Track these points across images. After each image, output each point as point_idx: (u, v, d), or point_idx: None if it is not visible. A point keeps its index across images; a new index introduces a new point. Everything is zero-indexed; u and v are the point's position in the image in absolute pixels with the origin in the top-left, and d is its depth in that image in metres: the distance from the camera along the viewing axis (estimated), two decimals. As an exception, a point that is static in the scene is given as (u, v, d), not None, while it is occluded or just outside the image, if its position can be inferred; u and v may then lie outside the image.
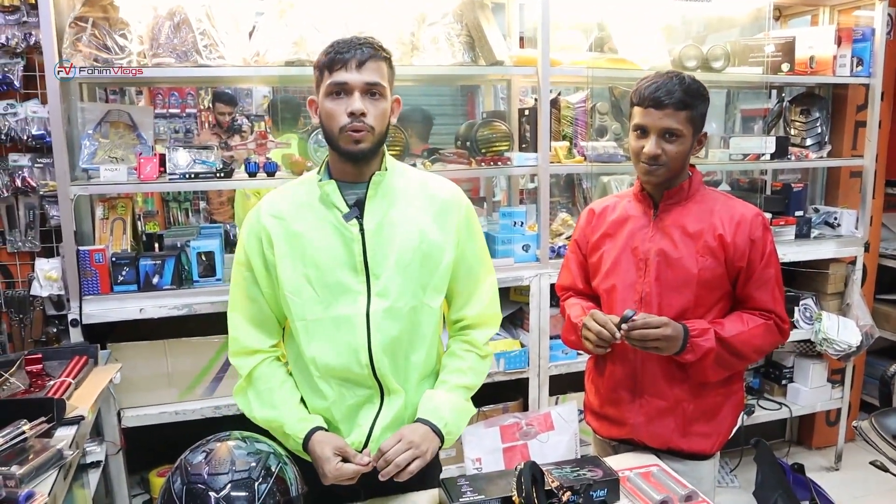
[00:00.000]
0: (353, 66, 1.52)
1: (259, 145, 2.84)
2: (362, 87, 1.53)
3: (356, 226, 1.59)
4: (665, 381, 1.87)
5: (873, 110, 3.49)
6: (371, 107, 1.54)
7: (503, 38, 2.93)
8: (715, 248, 1.81)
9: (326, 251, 1.59)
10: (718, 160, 3.32)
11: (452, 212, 1.68)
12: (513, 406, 3.08)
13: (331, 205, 1.60)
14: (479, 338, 1.75)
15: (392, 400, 1.64)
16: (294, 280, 1.60)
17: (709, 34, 3.58)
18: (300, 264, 1.59)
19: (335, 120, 1.54)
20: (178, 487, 1.31)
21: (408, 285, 1.61)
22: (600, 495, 1.62)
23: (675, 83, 1.77)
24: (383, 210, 1.61)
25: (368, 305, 1.59)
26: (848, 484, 3.55)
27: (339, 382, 1.61)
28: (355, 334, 1.59)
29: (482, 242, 1.77)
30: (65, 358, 2.30)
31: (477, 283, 1.74)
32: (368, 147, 1.55)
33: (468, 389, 1.71)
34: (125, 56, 2.53)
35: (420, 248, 1.62)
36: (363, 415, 1.64)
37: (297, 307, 1.60)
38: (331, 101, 1.54)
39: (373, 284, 1.59)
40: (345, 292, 1.59)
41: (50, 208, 2.75)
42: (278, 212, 1.64)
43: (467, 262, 1.71)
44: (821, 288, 3.63)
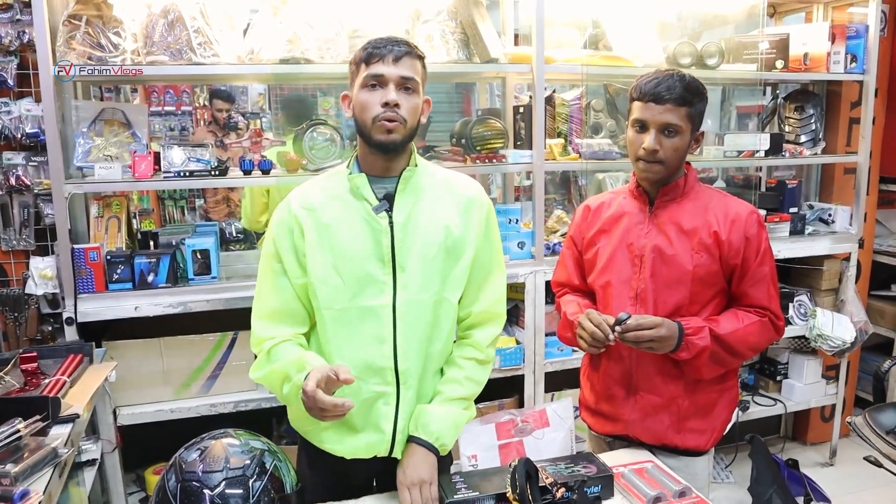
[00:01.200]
0: (389, 60, 1.57)
1: (254, 143, 2.84)
2: (397, 81, 1.57)
3: (385, 218, 1.62)
4: (660, 377, 1.88)
5: (867, 107, 3.49)
6: (404, 100, 1.58)
7: (498, 36, 2.93)
8: (710, 245, 1.82)
9: (355, 242, 1.62)
10: (713, 157, 3.32)
11: (475, 209, 1.71)
12: (508, 403, 3.08)
13: (361, 197, 1.64)
14: (482, 339, 1.75)
15: (408, 398, 1.66)
16: (322, 269, 1.63)
17: (703, 31, 3.59)
18: (329, 254, 1.63)
19: (369, 110, 1.58)
20: (172, 485, 1.31)
21: (432, 279, 1.64)
22: (594, 491, 1.63)
23: (676, 79, 1.78)
24: (411, 204, 1.65)
25: (395, 297, 1.62)
26: (842, 479, 3.57)
27: (359, 375, 1.62)
28: (381, 325, 1.62)
29: (498, 241, 1.79)
30: (60, 356, 2.29)
31: (487, 279, 1.75)
32: (400, 139, 1.59)
33: (464, 400, 1.72)
34: (119, 54, 2.52)
35: (444, 244, 1.65)
36: (379, 415, 1.65)
37: (325, 296, 1.63)
38: (366, 92, 1.59)
39: (399, 277, 1.63)
40: (371, 283, 1.62)
41: (44, 206, 2.74)
42: (309, 203, 1.67)
43: (481, 259, 1.73)
44: (815, 284, 3.64)
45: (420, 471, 1.59)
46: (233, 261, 3.15)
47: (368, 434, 1.66)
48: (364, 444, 1.66)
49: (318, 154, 2.72)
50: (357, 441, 1.66)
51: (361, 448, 1.66)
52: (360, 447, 1.66)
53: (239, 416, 2.69)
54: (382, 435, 1.65)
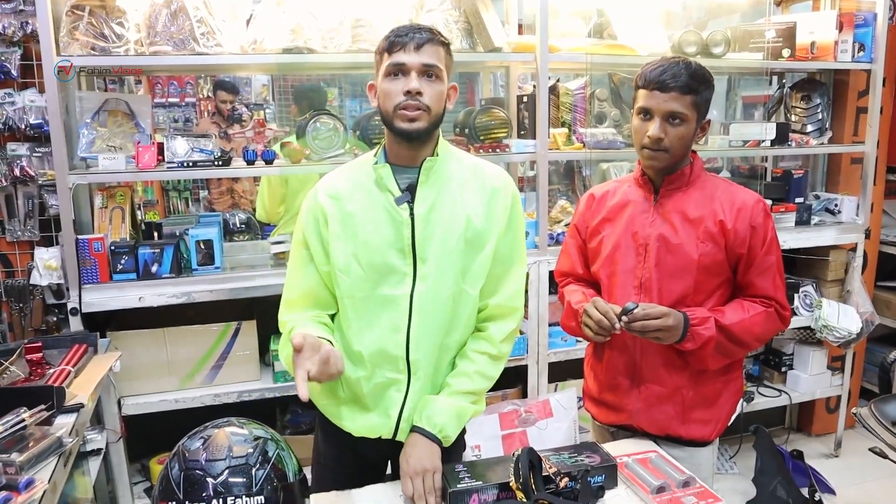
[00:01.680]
0: (411, 48, 1.56)
1: (257, 133, 2.84)
2: (419, 68, 1.57)
3: (407, 210, 1.63)
4: (664, 367, 1.87)
5: (875, 96, 3.47)
6: (427, 87, 1.57)
7: (501, 25, 2.92)
8: (715, 235, 1.81)
9: (376, 232, 1.63)
10: (718, 146, 3.30)
11: (500, 199, 1.70)
12: (512, 393, 3.09)
13: (384, 188, 1.64)
14: (497, 334, 1.74)
15: (417, 388, 1.67)
16: (344, 258, 1.64)
17: (709, 20, 3.56)
18: (351, 244, 1.64)
19: (391, 99, 1.58)
20: (175, 474, 1.31)
21: (451, 270, 1.64)
22: (598, 481, 1.62)
23: (682, 67, 1.76)
24: (434, 195, 1.65)
25: (413, 288, 1.63)
26: (847, 470, 3.56)
27: (373, 360, 1.65)
28: (398, 315, 1.64)
29: (521, 233, 1.78)
30: (64, 346, 2.30)
31: (507, 272, 1.74)
32: (423, 126, 1.59)
33: (472, 394, 1.72)
34: (122, 44, 2.52)
35: (465, 235, 1.65)
36: (390, 401, 1.68)
37: (346, 285, 1.65)
38: (388, 81, 1.59)
39: (419, 268, 1.63)
40: (392, 273, 1.63)
41: (49, 197, 2.75)
42: (335, 192, 1.69)
43: (502, 252, 1.72)
44: (821, 275, 3.62)
45: (423, 460, 1.59)
46: (236, 251, 3.16)
47: (376, 416, 1.69)
48: (370, 425, 1.69)
49: (321, 144, 2.72)
50: (366, 420, 1.70)
51: (367, 427, 1.70)
52: (367, 427, 1.70)
53: (243, 405, 2.70)
54: (388, 419, 1.67)
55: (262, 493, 1.31)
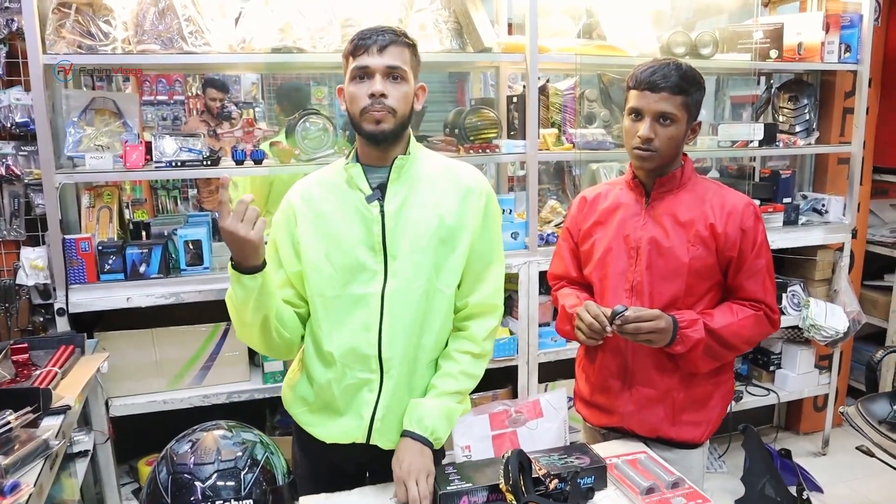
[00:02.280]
0: (374, 51, 1.57)
1: (246, 133, 2.82)
2: (383, 71, 1.58)
3: (377, 207, 1.63)
4: (655, 370, 1.88)
5: (861, 97, 3.49)
6: (392, 89, 1.58)
7: (491, 25, 2.91)
8: (706, 238, 1.81)
9: (347, 230, 1.64)
10: (707, 147, 3.31)
11: (473, 199, 1.71)
12: (502, 394, 3.09)
13: (355, 187, 1.66)
14: (478, 332, 1.75)
15: (390, 387, 1.66)
16: (314, 257, 1.65)
17: (697, 20, 3.57)
18: (322, 242, 1.65)
19: (357, 102, 1.59)
20: (163, 477, 1.30)
21: (423, 268, 1.65)
22: (587, 482, 1.63)
23: (673, 68, 1.77)
24: (405, 193, 1.65)
25: (384, 286, 1.63)
26: (835, 468, 3.59)
27: (344, 360, 1.65)
28: (369, 313, 1.64)
29: (498, 233, 1.79)
30: (51, 347, 2.28)
31: (485, 270, 1.74)
32: (390, 128, 1.59)
33: (458, 394, 1.73)
34: (109, 43, 2.50)
35: (437, 233, 1.65)
36: (361, 402, 1.67)
37: (316, 283, 1.66)
38: (354, 84, 1.60)
39: (390, 265, 1.64)
40: (362, 271, 1.64)
41: (35, 196, 2.72)
42: (307, 193, 1.71)
43: (479, 250, 1.72)
44: (808, 274, 3.64)
45: (416, 463, 1.59)
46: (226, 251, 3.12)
47: (348, 420, 1.68)
48: (342, 430, 1.69)
49: (310, 144, 2.71)
50: (337, 426, 1.69)
51: (339, 433, 1.69)
52: (339, 432, 1.69)
53: (232, 406, 2.68)
54: (360, 421, 1.67)
55: (251, 497, 1.29)
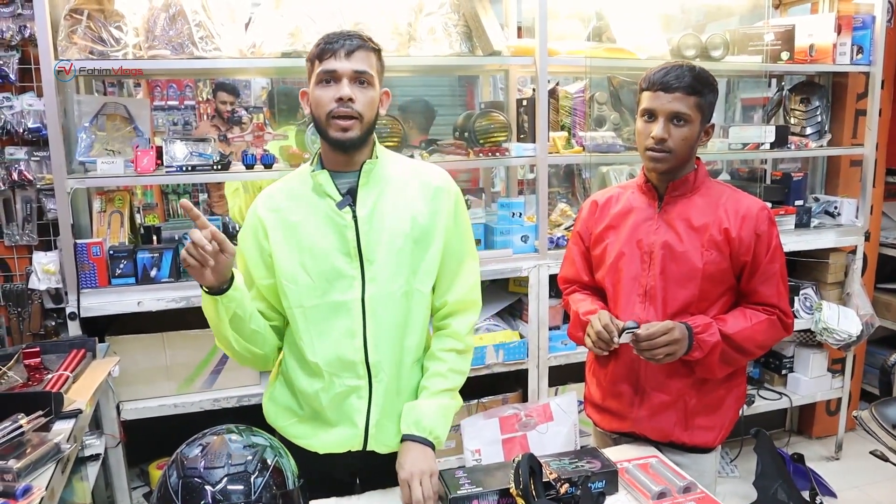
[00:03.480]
0: (341, 55, 1.56)
1: (256, 137, 2.83)
2: (350, 75, 1.56)
3: (349, 213, 1.62)
4: (667, 375, 1.86)
5: (873, 98, 3.47)
6: (359, 94, 1.57)
7: (500, 28, 2.92)
8: (720, 242, 1.80)
9: (321, 239, 1.62)
10: (718, 149, 3.30)
11: (443, 198, 1.70)
12: (512, 397, 3.08)
13: (324, 194, 1.63)
14: (460, 328, 1.75)
15: (381, 392, 1.65)
16: (290, 268, 1.63)
17: (708, 23, 3.56)
18: (296, 252, 1.63)
19: (323, 106, 1.57)
20: (174, 481, 1.30)
21: (400, 270, 1.64)
22: (598, 487, 1.62)
23: (686, 69, 1.76)
24: (375, 197, 1.64)
25: (363, 291, 1.62)
26: (848, 473, 3.56)
27: (331, 369, 1.63)
28: (351, 319, 1.63)
29: (468, 229, 1.79)
30: (63, 351, 2.29)
31: (460, 268, 1.75)
32: (357, 135, 1.58)
33: (450, 391, 1.72)
34: (121, 48, 2.51)
35: (411, 234, 1.64)
36: (352, 410, 1.65)
37: (294, 294, 1.63)
38: (320, 88, 1.58)
39: (367, 270, 1.62)
40: (340, 278, 1.62)
41: (47, 201, 2.74)
42: (274, 205, 1.68)
43: (452, 248, 1.72)
44: (821, 277, 3.62)
45: (419, 463, 1.59)
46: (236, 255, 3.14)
47: (341, 429, 1.66)
48: (337, 439, 1.67)
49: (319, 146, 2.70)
50: (330, 436, 1.67)
51: (334, 443, 1.68)
52: (333, 442, 1.67)
53: (242, 410, 2.68)
54: (355, 429, 1.66)
55: (262, 501, 1.29)
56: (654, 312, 1.83)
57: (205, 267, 1.47)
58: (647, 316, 1.83)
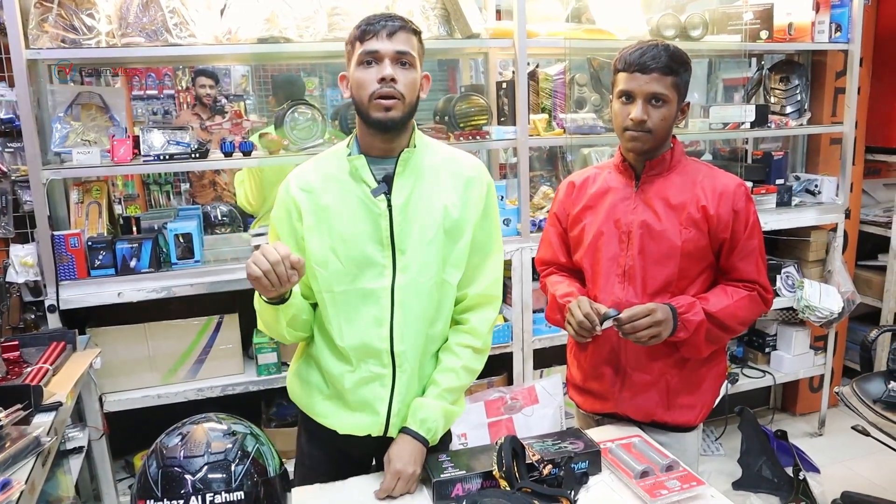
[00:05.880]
0: (384, 36, 1.53)
1: (235, 125, 2.80)
2: (393, 56, 1.54)
3: (384, 201, 1.60)
4: (648, 355, 1.86)
5: (852, 77, 3.48)
6: (402, 75, 1.54)
7: (479, 11, 2.89)
8: (698, 220, 1.80)
9: (353, 225, 1.61)
10: (699, 129, 3.30)
11: (475, 189, 1.68)
12: (497, 380, 3.09)
13: (360, 179, 1.61)
14: (479, 325, 1.73)
15: (404, 381, 1.65)
16: (321, 252, 1.62)
17: (687, 2, 3.54)
18: (327, 237, 1.62)
19: (365, 88, 1.54)
20: (153, 471, 1.29)
21: (432, 261, 1.63)
22: (581, 467, 1.63)
23: (661, 49, 1.75)
24: (411, 186, 1.62)
25: (394, 280, 1.61)
26: (831, 449, 3.60)
27: (356, 355, 1.63)
28: (380, 308, 1.62)
29: (497, 221, 1.77)
30: (42, 344, 2.27)
31: (485, 260, 1.73)
32: (399, 116, 1.55)
33: (458, 391, 1.72)
34: (93, 36, 2.47)
35: (443, 225, 1.63)
36: (374, 397, 1.65)
37: (324, 279, 1.63)
38: (362, 70, 1.55)
39: (398, 259, 1.61)
40: (371, 266, 1.61)
41: (23, 193, 2.70)
42: (307, 184, 1.66)
43: (479, 240, 1.70)
44: (802, 255, 3.64)
45: (408, 464, 1.58)
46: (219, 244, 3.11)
47: (363, 415, 1.66)
48: (358, 423, 1.67)
49: (299, 135, 2.69)
50: (352, 419, 1.67)
51: (355, 426, 1.67)
52: (355, 425, 1.67)
53: (227, 399, 2.68)
54: (377, 416, 1.66)
55: (242, 489, 1.29)
56: (633, 292, 1.83)
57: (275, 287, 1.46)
58: (627, 296, 1.83)
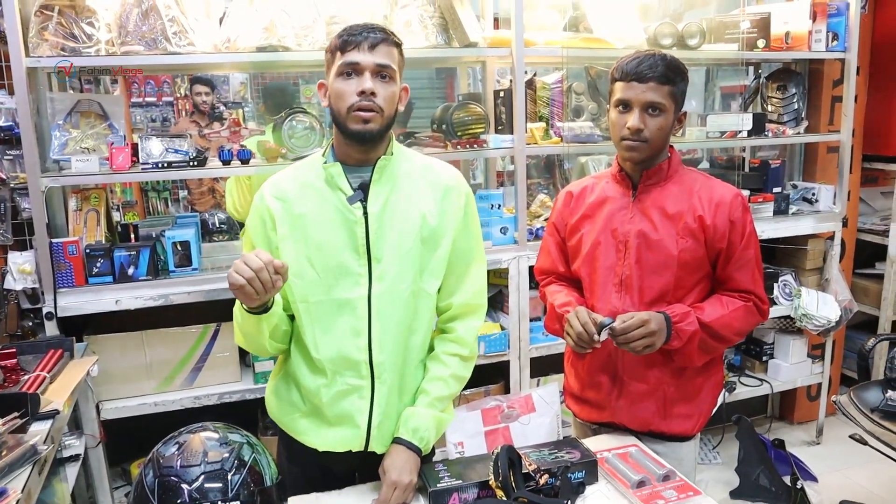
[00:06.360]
0: (365, 48, 1.53)
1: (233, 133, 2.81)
2: (373, 68, 1.53)
3: (360, 209, 1.59)
4: (645, 364, 1.86)
5: (849, 85, 3.49)
6: (381, 88, 1.54)
7: (477, 20, 2.91)
8: (695, 230, 1.81)
9: (329, 233, 1.60)
10: (696, 138, 3.31)
11: (453, 198, 1.68)
12: (494, 389, 3.08)
13: (335, 187, 1.61)
14: (465, 334, 1.73)
15: (384, 393, 1.63)
16: (296, 262, 1.60)
17: (685, 11, 3.57)
18: (302, 246, 1.61)
19: (344, 99, 1.54)
20: (150, 480, 1.30)
21: (408, 270, 1.62)
22: (578, 477, 1.63)
23: (658, 59, 1.76)
24: (387, 194, 1.62)
25: (370, 289, 1.60)
26: (829, 457, 3.59)
27: (334, 367, 1.61)
28: (357, 318, 1.60)
29: (478, 231, 1.76)
30: (39, 352, 2.27)
31: (467, 270, 1.73)
32: (377, 128, 1.55)
33: (448, 399, 1.72)
34: (93, 45, 2.48)
35: (420, 233, 1.62)
36: (354, 410, 1.63)
37: (299, 289, 1.61)
38: (341, 81, 1.55)
39: (374, 268, 1.60)
40: (347, 275, 1.60)
41: (21, 200, 2.70)
42: (282, 193, 1.64)
43: (460, 249, 1.70)
44: (800, 264, 3.65)
45: (403, 473, 1.58)
46: (216, 252, 3.13)
47: (343, 429, 1.64)
48: (338, 439, 1.65)
49: (297, 143, 2.70)
50: (331, 434, 1.65)
51: (335, 441, 1.65)
52: (334, 441, 1.65)
53: (224, 407, 2.68)
54: (357, 430, 1.63)
55: (239, 498, 1.29)
56: (630, 301, 1.84)
57: (259, 295, 1.44)
58: (624, 305, 1.84)
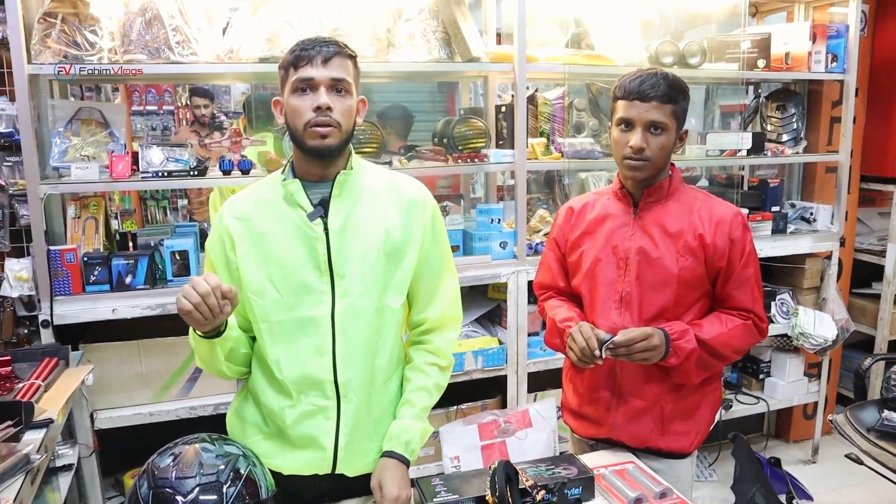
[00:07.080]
0: (318, 63, 1.50)
1: (234, 143, 2.81)
2: (328, 83, 1.51)
3: (320, 225, 1.56)
4: (644, 380, 1.87)
5: (848, 106, 3.51)
6: (337, 102, 1.52)
7: (479, 35, 2.92)
8: (695, 248, 1.81)
9: (290, 251, 1.56)
10: (696, 156, 3.32)
11: (418, 211, 1.65)
12: (491, 403, 3.07)
13: (295, 204, 1.57)
14: (442, 345, 1.72)
15: (350, 412, 1.59)
16: (257, 281, 1.57)
17: (686, 30, 3.59)
18: (263, 265, 1.57)
19: (300, 116, 1.51)
20: (144, 492, 1.29)
21: (373, 286, 1.59)
22: (575, 493, 1.62)
23: (660, 77, 1.77)
24: (348, 209, 1.59)
25: (333, 306, 1.56)
26: (824, 476, 3.59)
27: (298, 387, 1.57)
28: (320, 336, 1.56)
29: (446, 243, 1.75)
30: (35, 360, 2.25)
31: (439, 284, 1.71)
32: (335, 143, 1.53)
33: (430, 408, 1.71)
34: (96, 52, 2.48)
35: (384, 248, 1.59)
36: (319, 431, 1.58)
37: (261, 309, 1.57)
38: (296, 97, 1.52)
39: (337, 285, 1.56)
40: (309, 293, 1.56)
41: (20, 207, 2.70)
42: (242, 212, 1.61)
43: (430, 264, 1.68)
44: (797, 283, 3.65)
45: (402, 488, 1.55)
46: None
47: (308, 452, 1.59)
48: (303, 461, 1.60)
49: (296, 154, 2.69)
50: (296, 457, 1.60)
51: (300, 465, 1.60)
52: (300, 464, 1.60)
53: (219, 418, 2.64)
54: (323, 452, 1.58)
55: (234, 511, 1.28)
56: (630, 318, 1.84)
57: (208, 320, 1.41)
58: (623, 321, 1.84)
